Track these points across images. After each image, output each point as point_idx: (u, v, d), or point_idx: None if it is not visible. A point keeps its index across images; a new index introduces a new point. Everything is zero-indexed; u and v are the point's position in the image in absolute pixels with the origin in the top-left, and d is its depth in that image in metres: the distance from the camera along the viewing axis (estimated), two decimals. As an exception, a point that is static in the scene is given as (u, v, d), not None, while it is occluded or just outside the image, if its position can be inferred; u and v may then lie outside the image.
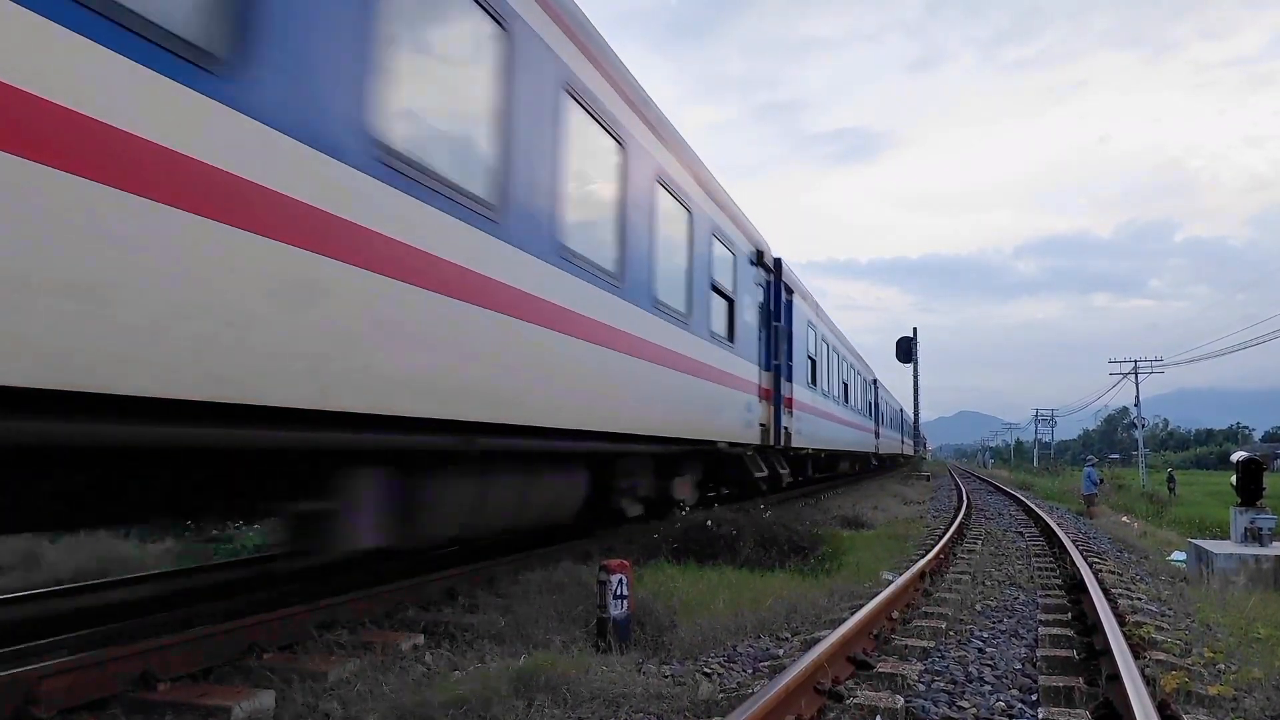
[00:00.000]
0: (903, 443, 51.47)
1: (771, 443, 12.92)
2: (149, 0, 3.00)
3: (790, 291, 14.75)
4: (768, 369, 13.02)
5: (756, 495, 11.99)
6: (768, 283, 13.39)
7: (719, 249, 10.62)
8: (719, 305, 10.58)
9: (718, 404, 10.34)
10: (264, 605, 5.20)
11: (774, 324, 13.52)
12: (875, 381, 33.18)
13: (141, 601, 5.53)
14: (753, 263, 12.39)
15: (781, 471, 13.84)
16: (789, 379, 14.25)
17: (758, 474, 12.12)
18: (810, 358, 16.96)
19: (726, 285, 10.89)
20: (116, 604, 5.42)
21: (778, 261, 13.94)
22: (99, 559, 7.64)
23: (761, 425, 12.41)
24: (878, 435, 32.71)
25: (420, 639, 5.03)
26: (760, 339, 12.73)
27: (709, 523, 8.75)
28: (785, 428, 13.73)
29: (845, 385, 23.00)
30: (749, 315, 12.01)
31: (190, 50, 3.16)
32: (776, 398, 13.32)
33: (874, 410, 31.67)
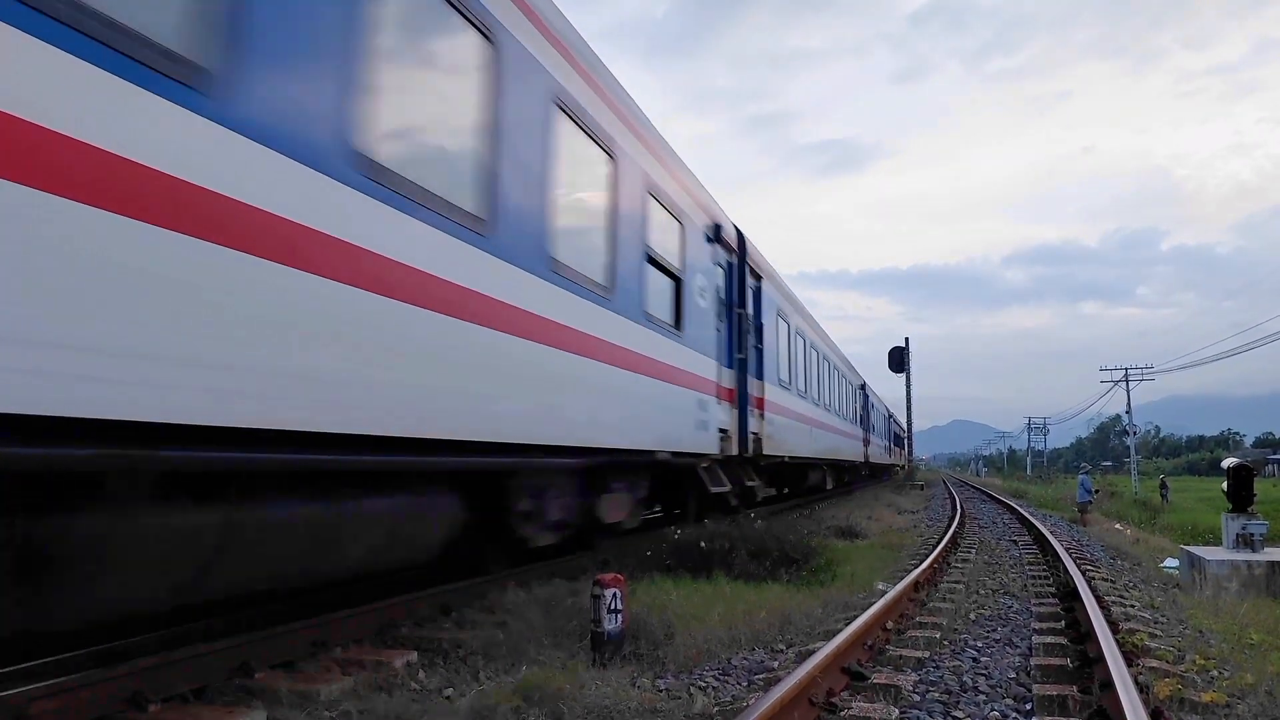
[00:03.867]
0: (892, 451, 49.04)
1: (736, 451, 11.14)
2: None
3: (759, 276, 13.01)
4: (730, 365, 11.14)
5: (721, 514, 10.30)
6: (729, 265, 11.43)
7: (659, 214, 8.68)
8: (659, 283, 8.65)
9: (656, 404, 8.38)
10: (256, 623, 5.17)
11: (738, 312, 11.58)
12: (863, 386, 31.61)
13: (133, 620, 5.49)
14: (710, 239, 10.49)
15: (750, 484, 12.10)
16: (759, 376, 12.47)
17: (716, 489, 10.23)
18: (786, 354, 15.18)
19: (670, 259, 8.89)
20: (108, 623, 5.38)
21: (741, 239, 12.00)
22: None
23: (722, 431, 10.50)
24: (867, 443, 30.94)
25: (414, 656, 5.01)
26: (721, 329, 10.80)
27: (701, 542, 8.46)
28: (755, 433, 11.99)
29: (830, 388, 21.34)
30: (704, 300, 10.07)
31: None
32: (743, 398, 11.50)
33: (863, 417, 30.05)
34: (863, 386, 31.17)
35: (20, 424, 2.75)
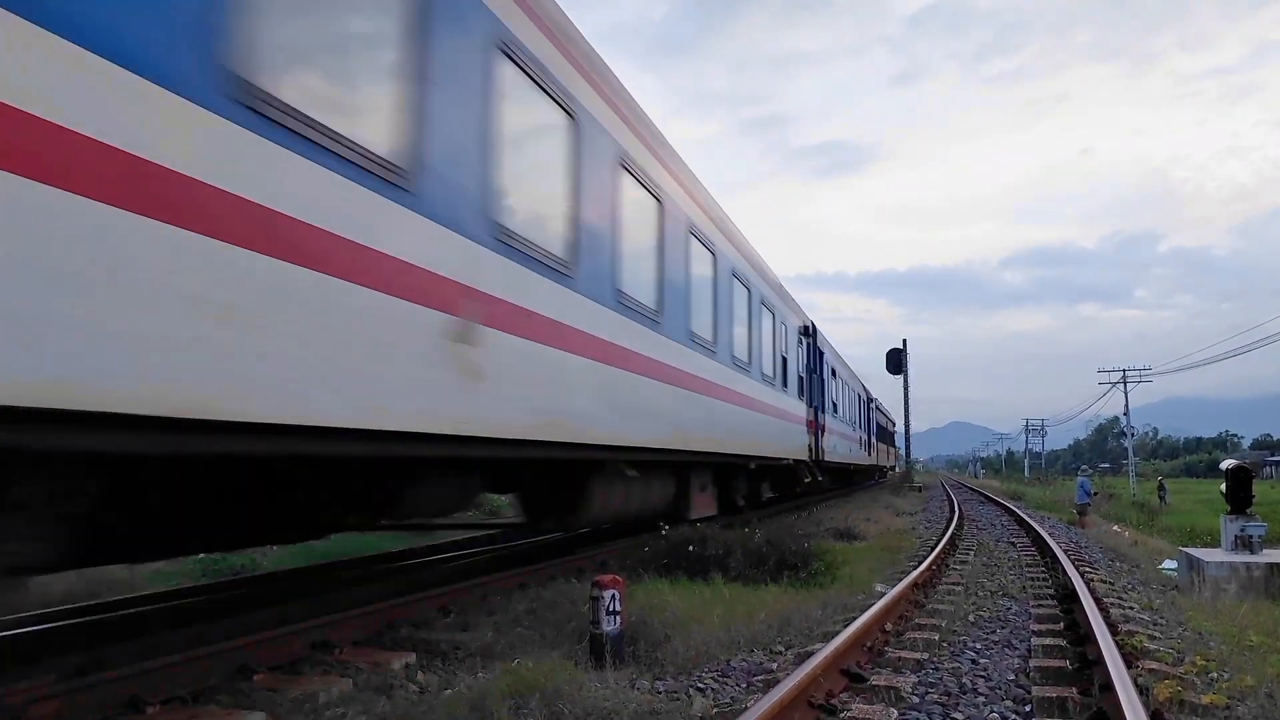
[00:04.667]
0: (874, 447, 36.10)
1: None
2: None
3: None
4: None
5: None
6: None
7: None
8: None
9: None
10: (256, 625, 5.16)
11: None
12: (811, 331, 19.06)
13: (132, 623, 5.48)
14: None
15: None
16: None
17: None
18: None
19: None
20: (107, 626, 5.37)
21: None
22: (89, 581, 7.56)
23: None
24: (820, 430, 19.17)
25: (412, 658, 5.00)
26: None
27: (691, 545, 8.42)
28: None
29: (715, 299, 10.78)
30: None
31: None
32: None
33: (809, 384, 18.33)
34: (809, 331, 19.07)
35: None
